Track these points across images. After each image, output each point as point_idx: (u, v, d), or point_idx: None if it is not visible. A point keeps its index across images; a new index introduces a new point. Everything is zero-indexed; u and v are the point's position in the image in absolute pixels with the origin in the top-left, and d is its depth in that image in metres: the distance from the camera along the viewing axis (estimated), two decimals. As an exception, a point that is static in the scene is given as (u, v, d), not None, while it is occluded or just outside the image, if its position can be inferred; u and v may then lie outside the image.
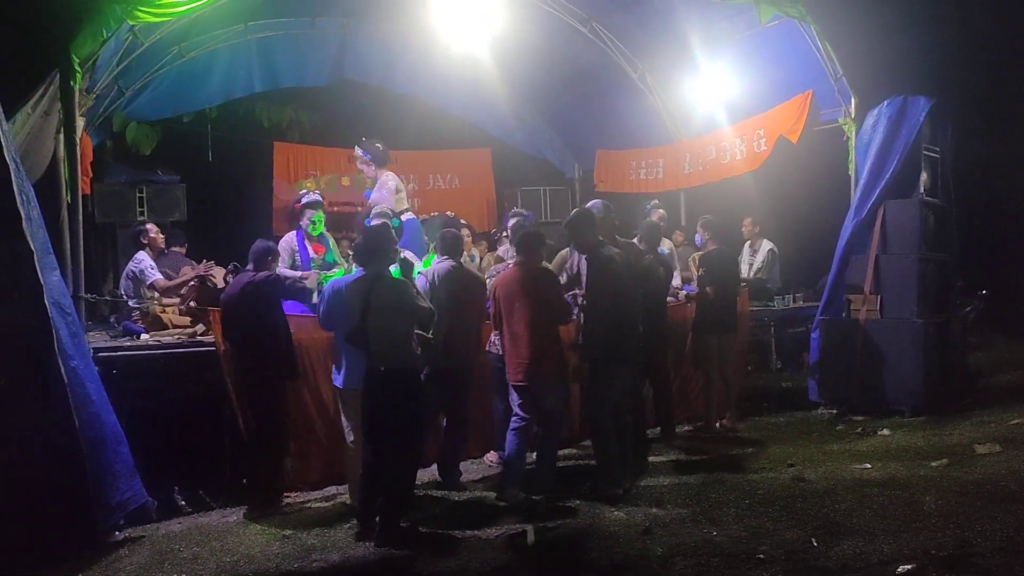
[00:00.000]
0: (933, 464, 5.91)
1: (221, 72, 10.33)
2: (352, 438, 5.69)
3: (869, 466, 5.99)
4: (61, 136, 7.34)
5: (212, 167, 10.90)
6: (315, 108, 12.24)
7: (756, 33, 8.78)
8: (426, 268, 6.43)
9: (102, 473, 5.01)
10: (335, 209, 10.40)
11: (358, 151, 8.12)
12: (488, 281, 6.43)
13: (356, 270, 5.81)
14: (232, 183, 11.09)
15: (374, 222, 7.29)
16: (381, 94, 11.44)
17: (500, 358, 6.42)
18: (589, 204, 7.98)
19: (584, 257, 6.00)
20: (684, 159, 10.44)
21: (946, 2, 8.60)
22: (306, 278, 6.72)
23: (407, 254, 7.17)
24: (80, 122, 7.67)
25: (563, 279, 6.61)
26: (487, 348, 6.47)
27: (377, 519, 5.08)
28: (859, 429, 7.18)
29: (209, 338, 6.06)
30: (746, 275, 9.22)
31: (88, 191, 8.36)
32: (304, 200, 7.08)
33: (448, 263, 6.09)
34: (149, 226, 7.55)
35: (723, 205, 9.83)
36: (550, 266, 6.40)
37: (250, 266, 5.81)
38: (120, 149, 10.44)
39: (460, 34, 8.68)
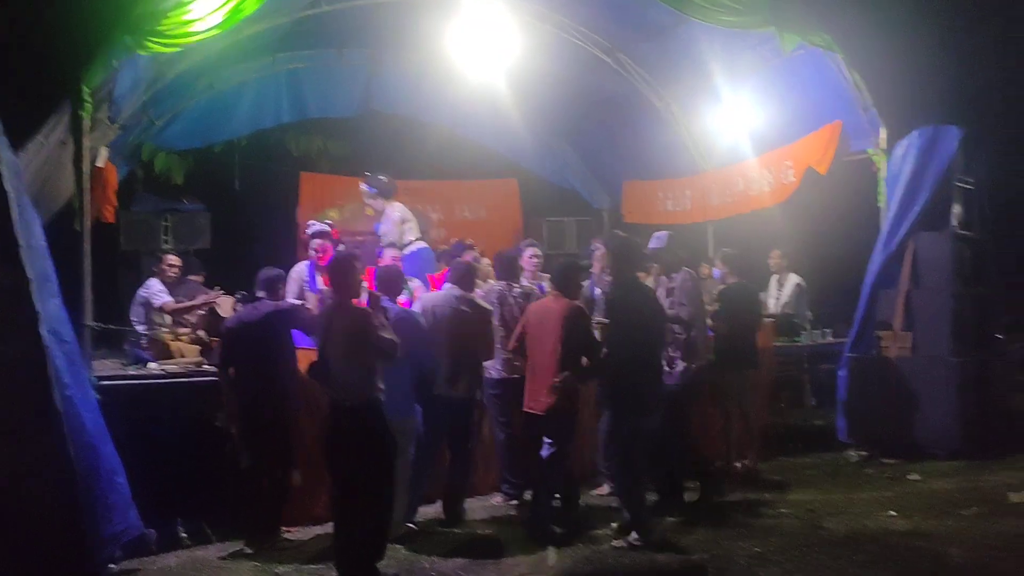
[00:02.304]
0: (963, 513, 5.60)
1: (250, 103, 10.44)
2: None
3: (895, 514, 5.70)
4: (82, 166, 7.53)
5: (239, 196, 10.98)
6: (344, 138, 12.28)
7: (782, 63, 8.57)
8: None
9: (96, 504, 4.92)
10: (360, 239, 10.36)
11: (363, 186, 8.15)
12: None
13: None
14: (258, 212, 11.12)
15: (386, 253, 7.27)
16: (408, 124, 11.47)
17: (496, 383, 6.30)
18: (657, 234, 7.91)
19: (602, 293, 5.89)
20: (711, 190, 10.24)
21: (979, 31, 8.31)
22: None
23: (415, 283, 7.11)
24: (104, 151, 7.85)
25: None
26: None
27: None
28: (888, 473, 6.87)
29: (214, 368, 5.99)
30: (773, 309, 8.94)
31: (113, 219, 8.43)
32: (310, 230, 7.04)
33: (448, 292, 5.96)
34: (168, 256, 7.55)
35: (751, 237, 9.59)
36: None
37: (262, 294, 5.75)
38: (150, 178, 10.55)
39: (485, 64, 8.64)
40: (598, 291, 7.20)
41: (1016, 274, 9.47)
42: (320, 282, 6.84)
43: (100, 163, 7.71)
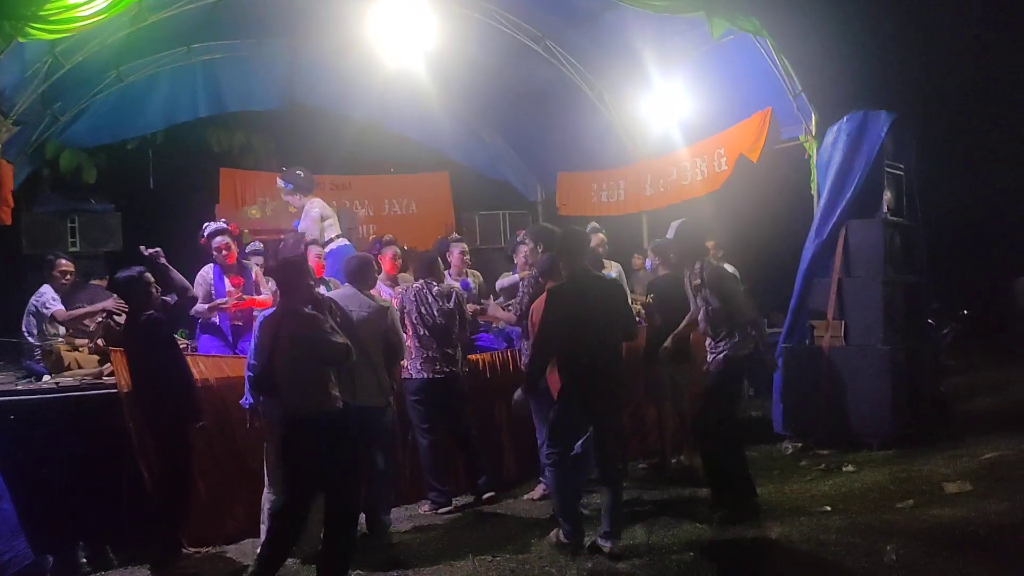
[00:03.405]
0: (898, 506, 5.48)
1: (163, 96, 9.95)
2: (274, 486, 5.25)
3: (829, 508, 5.54)
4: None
5: (154, 195, 10.46)
6: (269, 133, 11.85)
7: (712, 48, 8.43)
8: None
9: (-29, 534, 4.51)
10: (282, 237, 9.94)
11: (279, 182, 7.76)
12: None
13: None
14: (175, 211, 10.61)
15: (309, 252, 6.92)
16: (334, 117, 11.07)
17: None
18: (588, 228, 7.76)
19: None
20: (645, 180, 10.07)
21: (906, 16, 8.25)
22: (224, 306, 6.28)
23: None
24: (-6, 149, 7.37)
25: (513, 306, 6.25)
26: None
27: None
28: (823, 465, 6.72)
29: (113, 380, 5.57)
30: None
31: (10, 221, 7.90)
32: (207, 230, 6.56)
33: (344, 291, 5.65)
34: (60, 260, 7.05)
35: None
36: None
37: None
38: (57, 178, 9.97)
39: (411, 54, 8.31)
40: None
41: (944, 259, 9.49)
42: (228, 284, 6.44)
43: (-9, 162, 7.24)
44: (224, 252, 6.46)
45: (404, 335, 6.03)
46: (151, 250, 5.35)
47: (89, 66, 8.41)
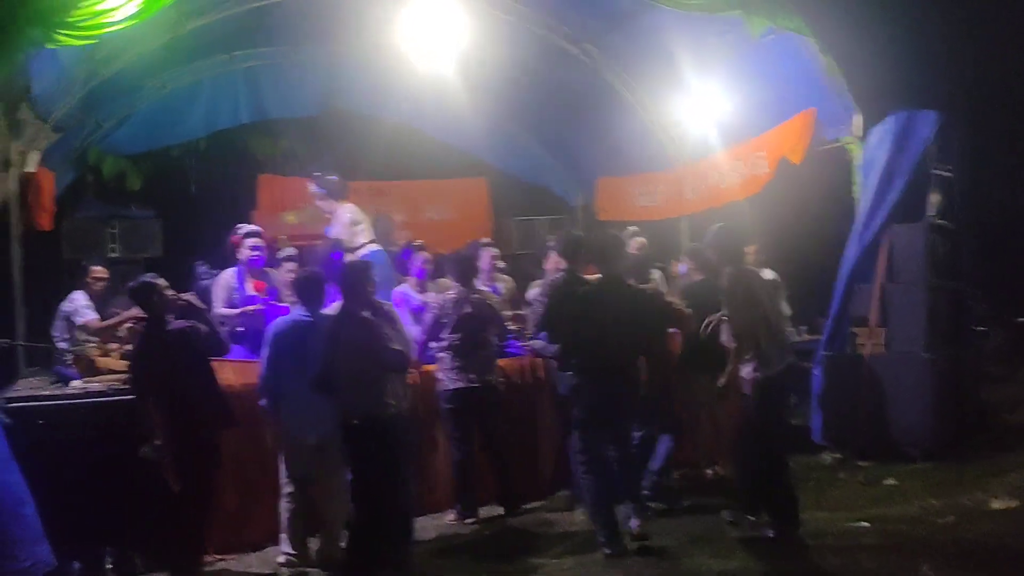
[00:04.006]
0: (939, 522, 5.25)
1: (205, 104, 10.06)
2: (290, 489, 5.27)
3: (867, 524, 5.33)
4: (12, 172, 7.15)
5: (195, 202, 10.58)
6: (310, 139, 11.90)
7: (752, 49, 8.18)
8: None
9: (-6, 541, 4.53)
10: (318, 244, 9.97)
11: (312, 187, 7.75)
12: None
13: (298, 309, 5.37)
14: (215, 218, 10.70)
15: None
16: (374, 124, 11.07)
17: (450, 395, 5.94)
18: (626, 232, 7.78)
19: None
20: (684, 184, 9.88)
21: (956, 11, 7.96)
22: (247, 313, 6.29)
23: None
24: (35, 156, 7.52)
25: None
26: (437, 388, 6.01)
27: None
28: (861, 477, 6.50)
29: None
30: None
31: (50, 227, 8.07)
32: (242, 231, 6.61)
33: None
34: (94, 268, 7.14)
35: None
36: None
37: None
38: (101, 184, 10.15)
39: (448, 58, 8.27)
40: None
41: (996, 264, 9.12)
42: (250, 288, 6.46)
43: (31, 168, 7.39)
44: (256, 253, 6.49)
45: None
46: (182, 299, 5.36)
47: (131, 73, 8.54)
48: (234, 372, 5.78)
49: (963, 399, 7.25)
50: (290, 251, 8.20)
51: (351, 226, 7.73)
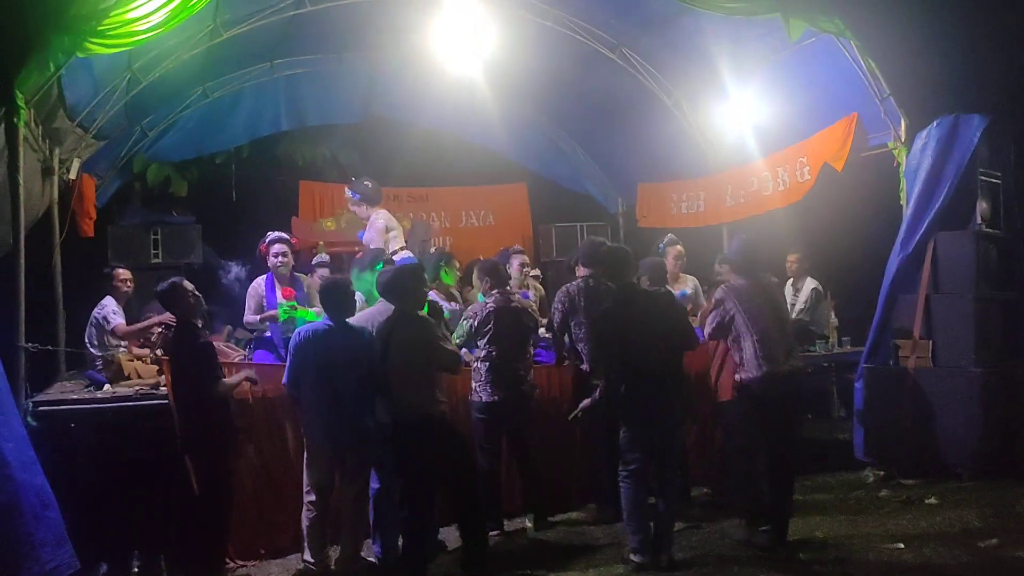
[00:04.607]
0: (980, 545, 5.00)
1: (247, 111, 10.23)
2: (311, 497, 5.23)
3: (903, 545, 5.10)
4: (54, 179, 7.30)
5: (236, 208, 10.70)
6: (351, 146, 11.97)
7: (792, 52, 8.00)
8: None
9: (16, 542, 4.58)
10: (357, 250, 10.02)
11: (347, 192, 7.78)
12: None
13: (324, 317, 5.35)
14: (255, 224, 10.79)
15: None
16: (414, 130, 11.09)
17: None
18: (665, 240, 8.05)
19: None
20: (725, 191, 9.67)
21: (1005, 8, 7.62)
22: (272, 319, 6.31)
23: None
24: (76, 163, 7.68)
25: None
26: (469, 397, 5.92)
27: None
28: (903, 496, 6.23)
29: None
30: (788, 316, 8.32)
31: (92, 233, 8.23)
32: (270, 237, 6.67)
33: (384, 307, 5.54)
34: (118, 271, 7.26)
35: (768, 239, 8.97)
36: None
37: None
38: (148, 191, 10.32)
39: (485, 64, 8.24)
40: None
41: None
42: (280, 295, 6.48)
43: (72, 175, 7.54)
44: (281, 260, 6.53)
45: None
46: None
47: (174, 82, 8.68)
48: (261, 377, 5.77)
49: (1017, 416, 6.90)
50: (323, 257, 8.26)
51: (384, 232, 7.74)
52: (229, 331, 7.88)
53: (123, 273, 7.27)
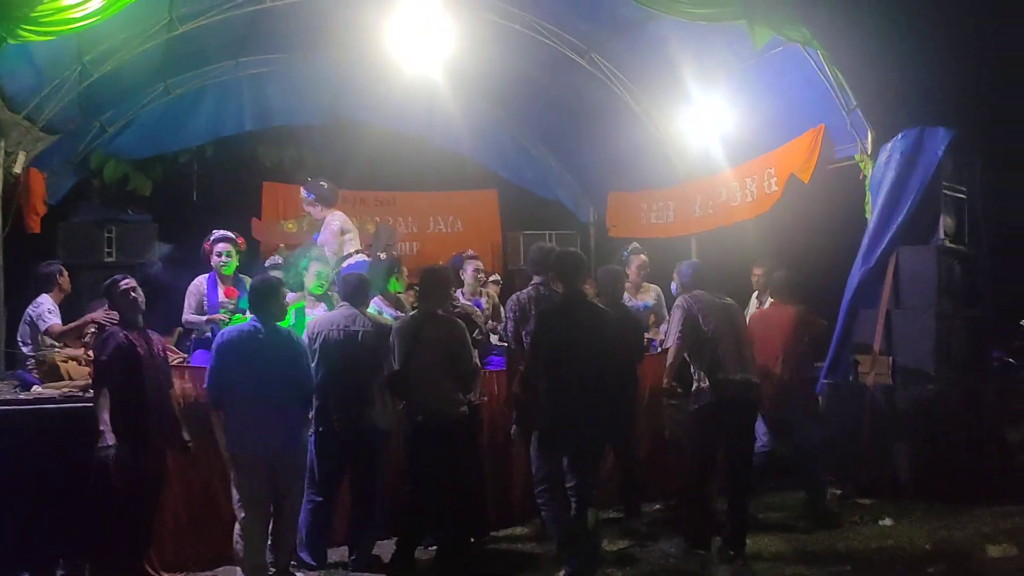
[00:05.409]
0: (929, 570, 4.82)
1: (210, 109, 10.02)
2: (243, 515, 4.96)
3: (850, 568, 4.94)
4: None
5: (196, 208, 10.47)
6: (319, 148, 11.75)
7: (761, 61, 7.88)
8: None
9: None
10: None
11: (302, 192, 7.59)
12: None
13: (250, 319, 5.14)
14: (214, 224, 10.59)
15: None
16: (382, 133, 10.90)
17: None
18: (629, 248, 7.96)
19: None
20: (694, 201, 9.54)
21: (976, 22, 7.52)
22: (214, 321, 6.10)
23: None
24: (22, 156, 7.44)
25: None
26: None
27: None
28: (858, 517, 6.08)
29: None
30: (752, 329, 8.16)
31: (38, 229, 8.00)
32: (214, 236, 6.48)
33: (340, 311, 5.35)
34: (61, 268, 7.02)
35: (736, 251, 8.88)
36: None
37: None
38: (104, 188, 10.07)
39: (458, 70, 8.08)
40: None
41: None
42: (221, 294, 6.28)
43: (18, 169, 7.31)
44: (224, 260, 6.35)
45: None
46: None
47: (132, 77, 8.50)
48: (196, 381, 5.56)
49: (979, 436, 6.75)
50: (275, 259, 8.05)
51: (340, 234, 7.56)
52: (180, 332, 7.66)
53: (63, 271, 7.02)
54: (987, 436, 6.84)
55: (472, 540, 5.75)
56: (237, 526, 4.97)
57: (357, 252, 7.60)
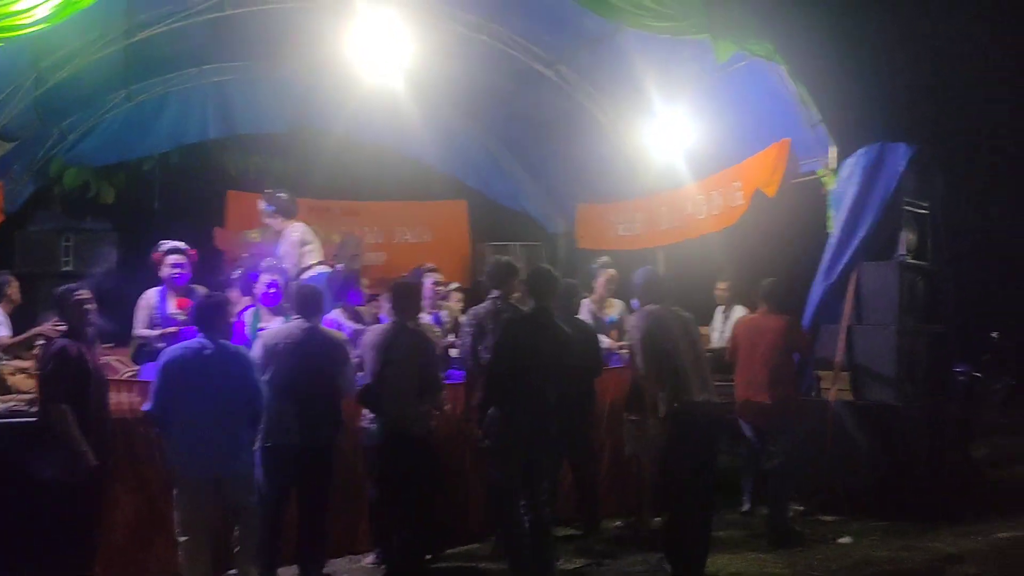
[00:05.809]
0: (886, 590, 4.78)
1: (172, 116, 9.83)
2: (185, 538, 4.81)
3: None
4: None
5: (158, 216, 10.31)
6: (284, 156, 11.61)
7: (727, 75, 7.85)
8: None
9: None
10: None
11: (261, 203, 7.48)
12: None
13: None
14: (176, 233, 10.41)
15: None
16: (348, 142, 10.77)
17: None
18: (600, 262, 7.90)
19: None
20: (661, 214, 9.49)
21: (939, 40, 7.55)
22: (167, 335, 5.95)
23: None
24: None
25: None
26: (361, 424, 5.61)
27: None
28: (818, 535, 6.03)
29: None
30: (716, 343, 8.13)
31: (-11, 238, 7.83)
32: (165, 246, 6.34)
33: (293, 324, 5.24)
34: (11, 280, 6.86)
35: (703, 265, 8.85)
36: None
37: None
38: (68, 196, 9.88)
39: (424, 78, 7.98)
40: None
41: (990, 308, 8.64)
42: (172, 307, 6.14)
43: (-32, 176, 7.13)
44: (176, 271, 6.21)
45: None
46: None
47: (92, 83, 8.35)
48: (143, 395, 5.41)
49: (942, 451, 6.74)
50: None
51: (300, 246, 7.46)
52: (138, 345, 7.50)
53: (16, 283, 6.86)
54: (949, 452, 6.83)
55: (428, 556, 5.65)
56: (180, 550, 4.84)
57: (318, 264, 7.50)
